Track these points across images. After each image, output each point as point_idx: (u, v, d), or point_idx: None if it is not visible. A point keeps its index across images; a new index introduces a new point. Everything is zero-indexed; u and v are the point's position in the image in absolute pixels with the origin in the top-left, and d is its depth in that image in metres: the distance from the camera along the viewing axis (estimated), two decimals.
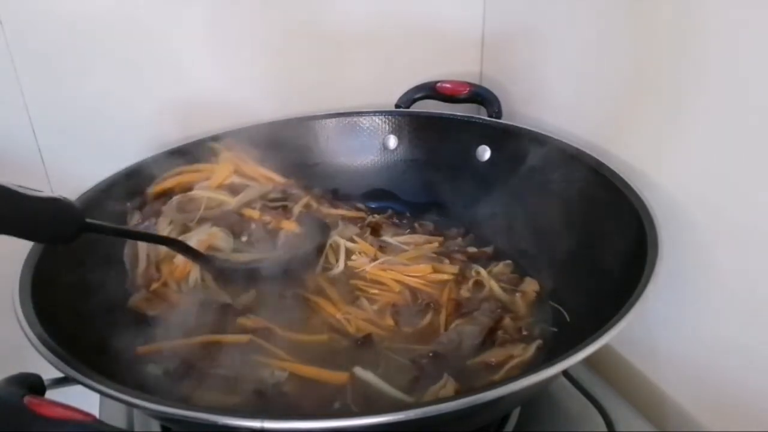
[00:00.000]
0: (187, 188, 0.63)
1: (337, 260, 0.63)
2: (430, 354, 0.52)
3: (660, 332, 0.57)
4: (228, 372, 0.50)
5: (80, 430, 0.33)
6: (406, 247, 0.66)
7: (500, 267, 0.63)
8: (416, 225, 0.71)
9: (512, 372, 0.50)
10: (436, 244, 0.67)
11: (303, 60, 0.75)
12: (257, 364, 0.51)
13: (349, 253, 0.64)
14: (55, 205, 0.43)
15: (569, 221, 0.59)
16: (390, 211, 0.73)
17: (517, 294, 0.59)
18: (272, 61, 0.73)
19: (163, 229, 0.59)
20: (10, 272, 0.47)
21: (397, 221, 0.72)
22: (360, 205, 0.73)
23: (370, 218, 0.71)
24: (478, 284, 0.61)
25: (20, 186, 0.42)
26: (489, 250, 0.66)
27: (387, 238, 0.67)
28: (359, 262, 0.63)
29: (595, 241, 0.54)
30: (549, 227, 0.61)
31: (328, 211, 0.69)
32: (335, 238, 0.64)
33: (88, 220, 0.46)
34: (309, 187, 0.70)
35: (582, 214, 0.57)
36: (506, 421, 0.51)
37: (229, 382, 0.49)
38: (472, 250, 0.66)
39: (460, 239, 0.68)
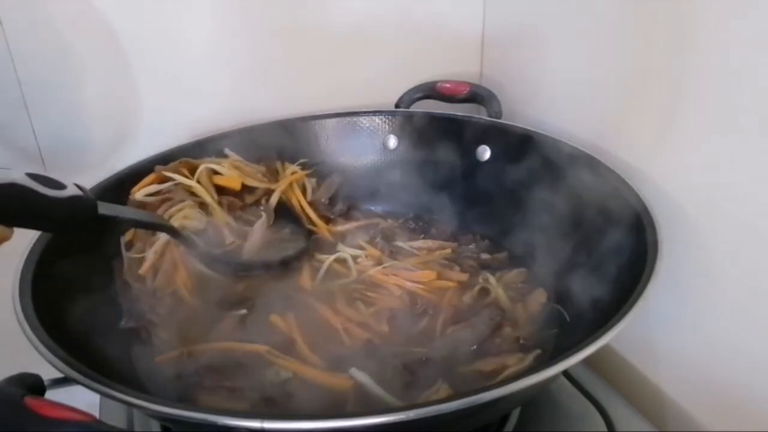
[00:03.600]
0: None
1: (348, 269, 0.63)
2: (424, 359, 0.51)
3: (660, 332, 0.57)
4: (234, 372, 0.50)
5: (80, 430, 0.33)
6: (417, 253, 0.66)
7: (513, 274, 0.62)
8: (433, 230, 0.70)
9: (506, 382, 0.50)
10: (448, 250, 0.66)
11: (302, 60, 0.75)
12: (265, 363, 0.51)
13: (354, 257, 0.64)
14: (71, 202, 0.43)
15: (569, 221, 0.59)
16: (410, 215, 0.73)
17: (522, 303, 0.58)
18: (271, 60, 0.73)
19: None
20: (10, 272, 0.47)
21: (413, 226, 0.71)
22: (375, 210, 0.74)
23: (383, 224, 0.71)
24: (485, 291, 0.60)
25: (37, 177, 0.41)
26: (502, 256, 0.65)
27: (399, 243, 0.67)
28: (363, 265, 0.63)
29: (594, 240, 0.54)
30: (548, 227, 0.61)
31: (343, 227, 0.70)
32: (341, 251, 0.64)
33: (101, 212, 0.46)
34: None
35: (582, 214, 0.57)
36: (506, 421, 0.51)
37: (235, 383, 0.49)
38: (485, 256, 0.65)
39: (473, 245, 0.67)
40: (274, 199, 0.65)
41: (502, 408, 0.47)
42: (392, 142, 0.75)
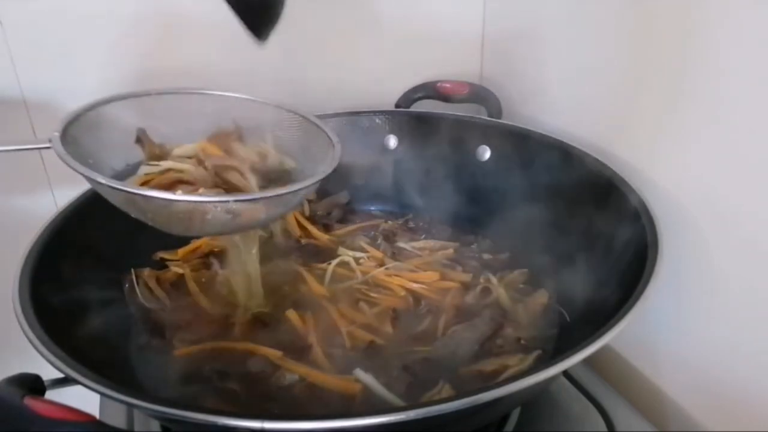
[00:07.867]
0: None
1: (351, 270, 0.63)
2: (425, 359, 0.51)
3: (660, 332, 0.57)
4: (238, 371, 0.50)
5: (80, 430, 0.33)
6: (419, 253, 0.66)
7: (515, 275, 0.62)
8: (434, 230, 0.70)
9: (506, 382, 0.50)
10: (450, 251, 0.66)
11: (302, 60, 0.75)
12: (269, 364, 0.51)
13: (356, 259, 0.64)
14: None
15: (569, 221, 0.59)
16: (410, 215, 0.73)
17: (523, 304, 0.58)
18: (270, 61, 0.73)
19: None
20: (10, 272, 0.47)
21: (414, 226, 0.71)
22: (375, 211, 0.74)
23: (383, 225, 0.71)
24: (486, 291, 0.60)
25: None
26: (504, 256, 0.65)
27: (401, 244, 0.67)
28: (366, 266, 0.63)
29: (595, 241, 0.54)
30: (549, 227, 0.61)
31: (343, 229, 0.69)
32: (343, 255, 0.64)
33: None
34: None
35: (582, 214, 0.57)
36: (506, 421, 0.51)
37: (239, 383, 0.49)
38: (486, 256, 0.65)
39: (475, 245, 0.67)
40: None
41: (502, 408, 0.47)
42: (392, 142, 0.75)
